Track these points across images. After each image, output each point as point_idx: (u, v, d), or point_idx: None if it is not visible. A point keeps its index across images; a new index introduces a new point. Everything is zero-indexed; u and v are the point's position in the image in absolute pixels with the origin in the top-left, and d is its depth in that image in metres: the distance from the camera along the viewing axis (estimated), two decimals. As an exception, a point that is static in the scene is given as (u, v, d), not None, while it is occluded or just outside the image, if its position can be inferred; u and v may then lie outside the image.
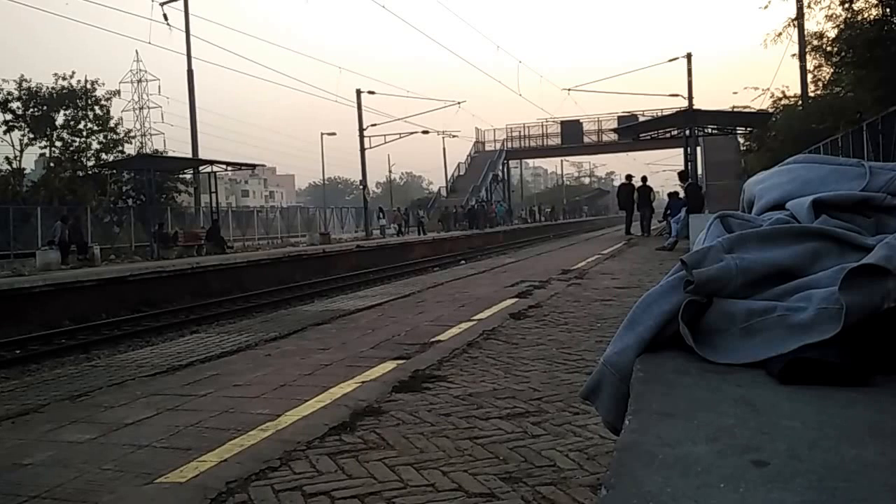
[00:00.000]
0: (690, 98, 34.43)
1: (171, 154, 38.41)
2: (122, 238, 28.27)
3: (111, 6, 27.16)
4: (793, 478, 0.65)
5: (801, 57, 22.47)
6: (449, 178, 53.37)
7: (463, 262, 22.11)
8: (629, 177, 23.94)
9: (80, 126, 31.88)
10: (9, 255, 21.72)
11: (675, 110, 32.43)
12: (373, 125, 40.20)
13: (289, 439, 3.35)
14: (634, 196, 22.32)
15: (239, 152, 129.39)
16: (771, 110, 24.31)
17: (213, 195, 26.97)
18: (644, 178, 23.10)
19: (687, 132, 21.08)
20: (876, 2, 15.56)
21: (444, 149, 57.01)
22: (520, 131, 54.25)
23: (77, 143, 31.95)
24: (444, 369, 4.78)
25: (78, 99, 31.58)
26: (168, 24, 26.94)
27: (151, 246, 23.95)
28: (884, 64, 14.65)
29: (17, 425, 3.93)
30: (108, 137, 32.51)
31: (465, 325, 6.64)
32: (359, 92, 38.92)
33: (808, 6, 18.99)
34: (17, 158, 31.68)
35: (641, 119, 38.94)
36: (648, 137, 25.83)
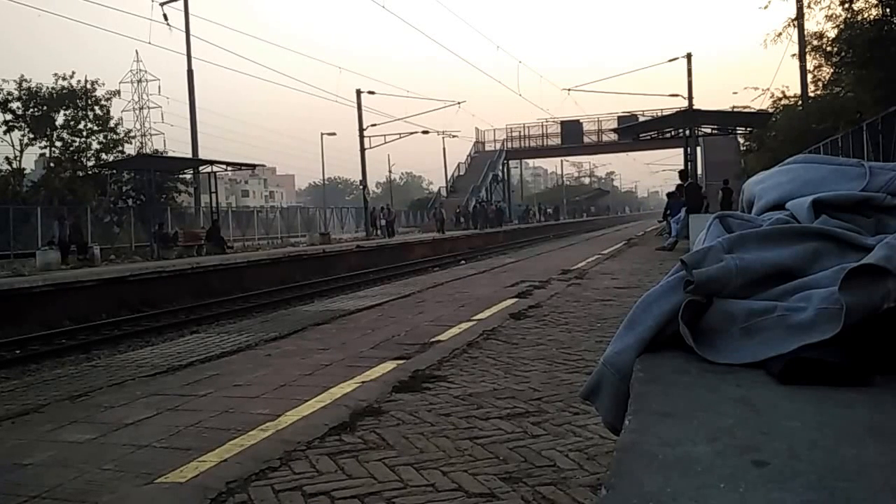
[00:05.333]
0: (690, 98, 34.43)
1: (171, 154, 38.40)
2: (122, 238, 28.27)
3: (111, 6, 27.14)
4: (793, 478, 0.64)
5: (801, 57, 22.48)
6: (449, 178, 53.37)
7: (463, 262, 22.11)
8: (726, 181, 23.19)
9: (80, 126, 31.86)
10: (9, 255, 21.72)
11: (675, 110, 32.43)
12: (373, 125, 40.23)
13: (289, 439, 3.35)
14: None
15: (239, 152, 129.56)
16: (771, 110, 24.31)
17: (213, 195, 26.96)
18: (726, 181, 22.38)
19: (687, 132, 21.06)
20: (876, 2, 15.58)
21: (444, 149, 56.98)
22: (520, 131, 54.28)
23: (77, 144, 31.93)
24: (444, 369, 4.79)
25: (78, 99, 31.56)
26: (168, 24, 26.93)
27: (151, 246, 23.95)
28: (884, 64, 14.65)
29: (17, 425, 3.93)
30: (108, 137, 32.49)
31: (465, 325, 6.64)
32: (359, 92, 38.92)
33: (808, 6, 19.03)
34: (17, 158, 31.72)
35: (641, 119, 38.96)
36: (648, 137, 25.83)
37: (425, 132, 42.96)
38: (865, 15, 15.86)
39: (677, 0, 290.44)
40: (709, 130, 23.89)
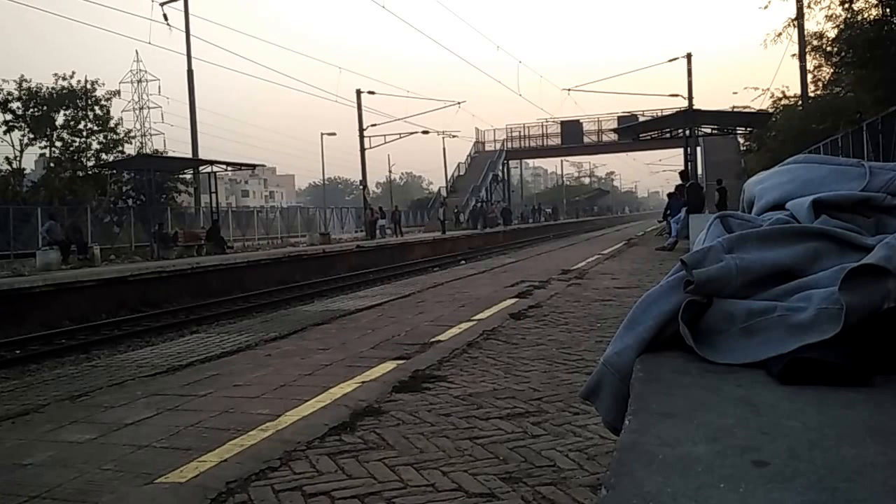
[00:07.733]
0: (690, 98, 34.46)
1: (171, 154, 38.38)
2: (122, 238, 28.26)
3: (111, 6, 27.12)
4: (793, 478, 0.65)
5: (801, 57, 22.52)
6: (449, 178, 53.34)
7: (463, 262, 22.11)
8: (720, 181, 22.97)
9: (80, 126, 31.87)
10: (9, 255, 21.72)
11: (675, 110, 32.40)
12: (373, 125, 40.24)
13: (289, 439, 3.35)
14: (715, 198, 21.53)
15: (239, 152, 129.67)
16: (771, 110, 24.34)
17: (213, 195, 26.94)
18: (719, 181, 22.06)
19: (687, 132, 21.05)
20: (876, 2, 15.59)
21: (444, 149, 57.00)
22: (520, 131, 54.25)
23: (77, 144, 31.94)
24: (444, 369, 4.78)
25: (78, 99, 31.56)
26: (168, 24, 26.96)
27: (151, 246, 23.93)
28: (884, 64, 14.67)
29: (17, 425, 3.93)
30: (108, 137, 32.49)
31: (465, 325, 6.64)
32: (359, 92, 38.92)
33: (808, 6, 19.08)
34: (17, 158, 31.74)
35: (641, 119, 38.92)
36: (648, 137, 25.79)
37: (425, 132, 42.97)
38: (865, 15, 15.88)
39: (677, 0, 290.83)
40: (709, 130, 23.88)
